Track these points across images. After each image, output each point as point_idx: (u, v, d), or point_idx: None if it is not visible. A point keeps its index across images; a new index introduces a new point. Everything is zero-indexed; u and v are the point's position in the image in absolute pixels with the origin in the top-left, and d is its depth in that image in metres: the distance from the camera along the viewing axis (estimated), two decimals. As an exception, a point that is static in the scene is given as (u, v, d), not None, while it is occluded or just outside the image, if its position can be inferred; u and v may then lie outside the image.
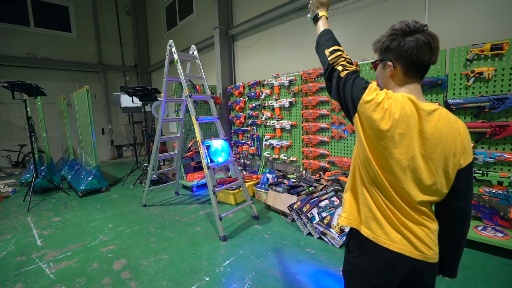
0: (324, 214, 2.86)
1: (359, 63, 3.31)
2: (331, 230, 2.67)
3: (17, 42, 7.05)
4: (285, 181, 3.71)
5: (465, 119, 2.55)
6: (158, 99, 5.18)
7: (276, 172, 4.22)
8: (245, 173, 4.81)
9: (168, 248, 2.68)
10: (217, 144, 3.74)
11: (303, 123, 4.03)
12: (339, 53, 1.01)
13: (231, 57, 5.69)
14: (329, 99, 3.65)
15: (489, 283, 1.94)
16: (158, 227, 3.18)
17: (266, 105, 4.56)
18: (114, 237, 2.97)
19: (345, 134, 3.53)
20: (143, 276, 2.22)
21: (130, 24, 9.28)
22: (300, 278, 2.10)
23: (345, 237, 2.60)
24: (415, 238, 0.89)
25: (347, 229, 2.71)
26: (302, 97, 3.98)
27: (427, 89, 2.76)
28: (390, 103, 0.85)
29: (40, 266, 2.43)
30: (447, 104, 2.59)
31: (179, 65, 3.27)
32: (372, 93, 0.87)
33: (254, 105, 4.78)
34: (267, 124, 4.60)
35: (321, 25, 1.14)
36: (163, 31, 8.36)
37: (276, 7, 4.50)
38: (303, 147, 4.08)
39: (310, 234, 2.83)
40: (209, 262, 2.39)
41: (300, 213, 2.92)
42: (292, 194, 3.39)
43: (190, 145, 5.00)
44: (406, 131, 0.84)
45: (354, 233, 1.00)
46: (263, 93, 4.58)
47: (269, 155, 4.65)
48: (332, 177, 3.63)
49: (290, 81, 4.10)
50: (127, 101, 5.81)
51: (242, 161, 5.32)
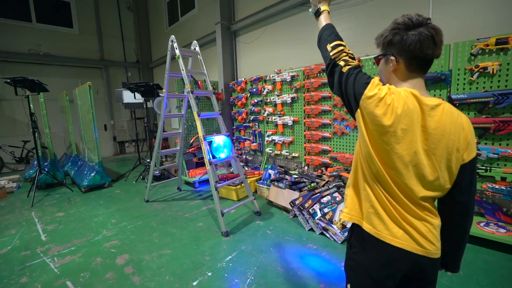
0: (326, 210, 2.86)
1: (361, 58, 3.28)
2: (333, 226, 2.68)
3: (19, 38, 7.06)
4: (287, 177, 3.71)
5: (469, 114, 2.53)
6: (160, 95, 5.18)
7: (278, 168, 4.21)
8: (247, 169, 4.81)
9: (170, 243, 2.70)
10: (219, 140, 3.74)
11: (305, 119, 4.01)
12: (341, 48, 0.99)
13: (233, 53, 5.66)
14: (331, 95, 3.63)
15: (491, 279, 1.94)
16: (160, 223, 3.20)
17: (268, 101, 4.54)
18: (117, 232, 3.00)
19: (347, 130, 3.51)
20: (146, 271, 2.24)
21: (131, 19, 9.25)
22: (302, 273, 2.11)
23: (346, 233, 2.61)
24: (417, 233, 0.88)
25: (349, 225, 2.71)
26: (304, 93, 3.96)
27: (431, 84, 2.73)
28: (392, 98, 0.84)
29: (44, 260, 2.47)
30: (450, 99, 2.56)
31: (180, 61, 3.26)
32: (374, 88, 0.86)
33: (256, 101, 4.76)
34: (269, 120, 4.59)
35: (323, 20, 1.12)
36: (165, 27, 8.32)
37: (278, 2, 4.46)
38: (305, 143, 4.07)
39: (312, 229, 2.84)
40: (211, 257, 2.40)
41: (302, 209, 2.93)
42: (294, 190, 3.39)
43: (192, 141, 5.01)
44: (408, 127, 0.83)
45: (356, 229, 1.00)
46: (265, 89, 4.56)
47: (271, 151, 4.65)
48: (334, 173, 3.62)
49: (292, 77, 4.07)
50: (129, 97, 5.82)
51: (244, 157, 5.33)
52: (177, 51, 3.28)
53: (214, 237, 2.79)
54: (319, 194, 3.07)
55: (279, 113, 4.36)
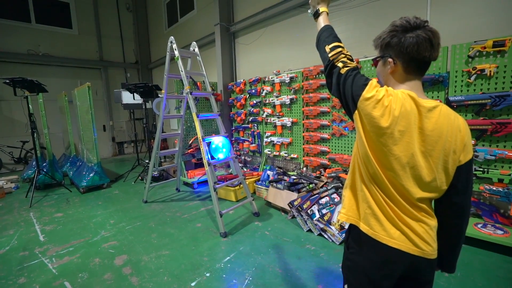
0: (324, 211, 2.87)
1: (360, 60, 3.30)
2: (331, 227, 2.68)
3: (18, 38, 7.06)
4: (286, 178, 3.72)
5: (466, 116, 2.54)
6: (159, 96, 5.18)
7: (276, 169, 4.22)
8: (245, 170, 4.82)
9: (169, 244, 2.70)
10: (218, 140, 3.74)
11: (304, 120, 4.02)
12: (339, 49, 1.00)
13: (232, 54, 5.67)
14: (330, 96, 3.64)
15: (488, 280, 1.95)
16: (159, 223, 3.20)
17: (267, 102, 4.55)
18: (115, 233, 3.00)
19: (345, 131, 3.53)
20: (144, 271, 2.24)
21: (131, 20, 9.26)
22: (300, 274, 2.12)
23: (344, 234, 2.62)
24: (413, 234, 0.89)
25: (347, 226, 2.72)
26: (303, 94, 3.97)
27: (429, 86, 2.75)
28: (390, 100, 0.84)
29: (42, 261, 2.46)
30: (448, 101, 2.58)
31: (180, 62, 3.27)
32: (372, 90, 0.87)
33: (255, 102, 4.77)
34: (268, 121, 4.60)
35: (322, 21, 1.12)
36: (164, 28, 8.33)
37: (277, 3, 4.47)
38: (303, 144, 4.08)
39: (310, 230, 2.85)
40: (210, 258, 2.41)
41: (300, 210, 2.93)
42: (292, 191, 3.39)
43: (191, 142, 5.01)
44: (406, 128, 0.84)
45: (353, 229, 1.01)
46: (264, 90, 4.57)
47: (269, 152, 4.65)
48: (332, 174, 3.63)
49: (291, 78, 4.09)
50: (128, 98, 5.82)
51: (243, 158, 5.33)
52: (176, 52, 3.28)
53: (212, 238, 2.79)
54: (317, 195, 3.08)
55: (278, 114, 4.37)
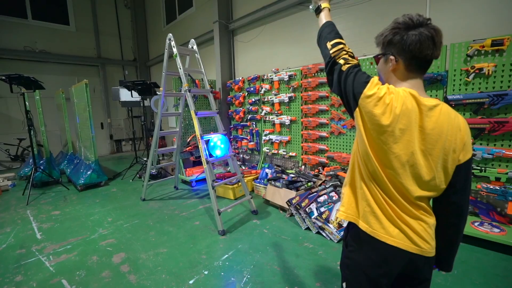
0: (322, 209, 2.87)
1: (359, 58, 3.29)
2: (330, 225, 2.69)
3: (15, 35, 6.98)
4: (284, 176, 3.72)
5: (465, 115, 2.55)
6: (157, 93, 5.16)
7: (275, 167, 4.22)
8: (244, 168, 4.82)
9: (167, 242, 2.69)
10: (216, 138, 3.74)
11: (302, 118, 4.02)
12: (341, 46, 0.99)
13: (231, 52, 5.65)
14: (329, 94, 3.63)
15: (485, 277, 1.96)
16: (157, 221, 3.20)
17: (265, 100, 4.55)
18: (113, 231, 2.99)
19: (344, 129, 3.53)
20: (142, 269, 2.24)
21: (129, 17, 9.20)
22: (298, 272, 2.12)
23: (343, 232, 2.62)
24: (412, 232, 0.89)
25: (345, 224, 2.73)
26: (301, 92, 3.96)
27: (427, 85, 2.75)
28: (391, 97, 0.84)
29: (40, 259, 2.45)
30: (446, 100, 2.58)
31: (178, 59, 3.25)
32: (373, 88, 0.86)
33: (253, 100, 4.76)
34: (267, 119, 4.59)
35: (323, 17, 1.11)
36: (162, 25, 8.28)
37: (276, 1, 4.46)
38: (302, 143, 4.08)
39: (308, 229, 2.85)
40: (208, 256, 2.41)
41: (298, 208, 2.94)
42: (291, 189, 3.40)
43: (189, 139, 5.00)
44: (406, 127, 0.84)
45: (352, 228, 1.00)
46: (262, 88, 4.56)
47: (268, 150, 4.65)
48: (331, 173, 3.63)
49: (289, 76, 4.08)
50: (126, 95, 5.79)
51: (241, 156, 5.33)
52: (175, 50, 3.26)
53: (210, 235, 2.79)
54: (315, 193, 3.08)
55: (276, 112, 4.37)
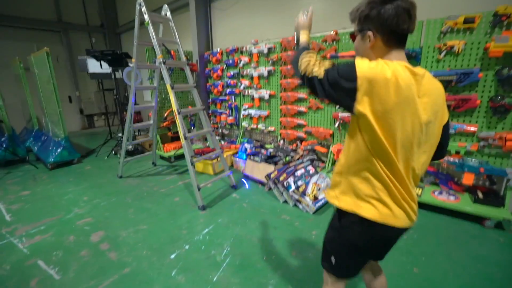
0: (299, 182, 2.99)
1: (339, 31, 3.24)
2: (306, 197, 2.82)
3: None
4: (263, 151, 3.78)
5: (434, 92, 2.66)
6: (129, 65, 4.83)
7: (254, 142, 4.26)
8: (223, 143, 4.80)
9: (147, 218, 2.71)
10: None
11: (281, 92, 4.00)
12: (308, 56, 0.94)
13: (208, 20, 5.32)
14: (308, 69, 3.60)
15: (438, 239, 2.21)
16: (136, 199, 3.17)
17: (244, 73, 4.43)
18: (90, 209, 2.93)
19: (322, 104, 3.57)
20: (123, 246, 2.26)
21: (91, -24, 8.21)
22: (275, 243, 2.25)
23: (319, 204, 2.78)
24: (410, 209, 0.93)
25: (321, 196, 2.88)
26: (281, 66, 3.90)
27: (402, 62, 2.80)
28: (392, 72, 0.79)
29: (11, 241, 2.37)
30: (419, 77, 2.66)
31: (150, 28, 3.01)
32: (367, 67, 0.80)
33: (232, 73, 4.62)
34: (246, 93, 4.51)
35: (300, 43, 1.12)
36: (131, -13, 7.52)
37: (255, -35, 4.16)
38: (281, 117, 4.10)
39: (286, 202, 2.98)
40: (188, 231, 2.46)
41: (277, 182, 3.03)
42: (269, 163, 3.47)
43: (166, 114, 4.83)
44: (410, 99, 0.81)
45: (349, 214, 0.98)
46: (241, 61, 4.41)
47: (247, 125, 4.64)
48: (308, 147, 3.74)
49: (269, 49, 3.96)
50: (95, 66, 5.35)
51: (220, 131, 5.28)
52: (146, 16, 3.01)
53: (191, 211, 2.84)
54: (293, 167, 3.18)
55: (255, 86, 4.29)
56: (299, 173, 3.13)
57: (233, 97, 4.78)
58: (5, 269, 2.02)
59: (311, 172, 3.21)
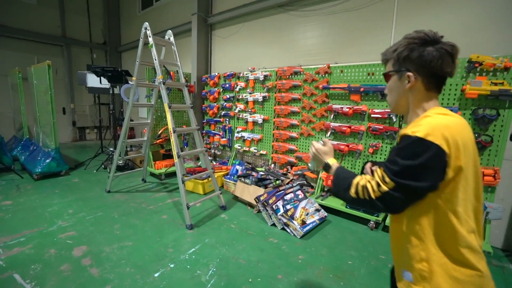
0: (288, 206, 3.03)
1: (331, 65, 3.49)
2: (294, 221, 2.85)
3: (-37, 2, 6.22)
4: (254, 173, 3.82)
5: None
6: (129, 82, 4.95)
7: (245, 164, 4.31)
8: (215, 163, 4.84)
9: (132, 235, 2.66)
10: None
11: (274, 118, 4.15)
12: (362, 182, 0.86)
13: (208, 46, 5.60)
14: (301, 97, 3.79)
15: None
16: (122, 214, 3.12)
17: (240, 97, 4.60)
18: (74, 223, 2.86)
19: (313, 132, 3.72)
20: (106, 262, 2.20)
21: (100, -4, 8.61)
22: (262, 265, 2.24)
23: (306, 228, 2.80)
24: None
25: (309, 221, 2.91)
26: (275, 93, 4.09)
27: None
28: (453, 135, 0.75)
29: (-12, 251, 2.28)
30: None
31: (154, 50, 3.17)
32: (445, 142, 0.73)
33: (228, 96, 4.79)
34: (240, 116, 4.65)
35: (333, 170, 1.04)
36: (138, 10, 7.89)
37: (256, 0, 4.51)
38: (273, 142, 4.22)
39: (274, 225, 2.99)
40: (175, 249, 2.43)
41: (266, 204, 3.06)
42: (260, 186, 3.51)
43: (160, 132, 4.89)
44: (472, 153, 0.80)
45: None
46: (238, 86, 4.61)
47: (239, 147, 4.73)
48: (298, 172, 3.82)
49: (265, 76, 4.18)
50: (94, 81, 5.45)
51: (212, 151, 5.34)
52: (151, 40, 3.18)
53: (178, 229, 2.81)
54: (283, 191, 3.23)
55: (250, 110, 4.45)
56: (288, 197, 3.18)
57: (227, 119, 4.91)
58: (-22, 281, 1.93)
59: (300, 196, 3.26)
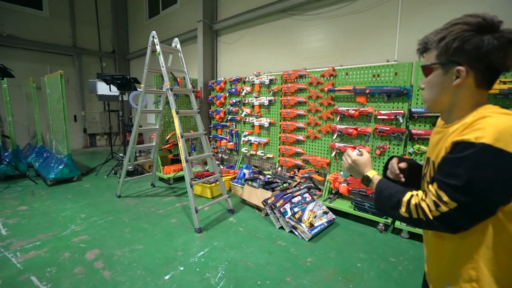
0: (296, 209, 3.03)
1: (336, 68, 3.50)
2: (302, 224, 2.85)
3: (-20, 16, 6.50)
4: (261, 177, 3.85)
5: (425, 126, 2.83)
6: (137, 89, 5.07)
7: (252, 167, 4.34)
8: (222, 167, 4.89)
9: (143, 238, 2.71)
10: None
11: (281, 121, 4.18)
12: (415, 200, 0.75)
13: (214, 52, 5.69)
14: (307, 100, 3.81)
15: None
16: (133, 218, 3.18)
17: (246, 102, 4.65)
18: (86, 227, 2.94)
19: (319, 134, 3.73)
20: (117, 265, 2.25)
21: (109, 7, 8.86)
22: (270, 268, 2.25)
23: (314, 231, 2.80)
24: None
25: (317, 224, 2.91)
26: (281, 97, 4.12)
27: (394, 97, 3.01)
28: None
29: (5, 255, 2.37)
30: (411, 112, 2.85)
31: (161, 58, 3.26)
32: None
33: (234, 101, 4.85)
34: (246, 120, 4.70)
35: (375, 184, 0.92)
36: (145, 19, 8.09)
37: (261, 6, 4.58)
38: (280, 145, 4.24)
39: (282, 228, 3.00)
40: (184, 252, 2.46)
41: (273, 208, 3.07)
42: (267, 189, 3.53)
43: (168, 137, 4.97)
44: None
45: None
46: (243, 90, 4.66)
47: (246, 151, 4.76)
48: (305, 175, 3.83)
49: (270, 80, 4.22)
50: (103, 88, 5.61)
51: (220, 155, 5.39)
52: (158, 47, 3.27)
53: (187, 233, 2.85)
54: (290, 194, 3.24)
55: (256, 114, 4.49)
56: (295, 200, 3.18)
57: (234, 123, 4.97)
58: (-3, 283, 2.00)
59: (307, 199, 3.27)
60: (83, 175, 5.04)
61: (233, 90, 4.82)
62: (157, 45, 3.27)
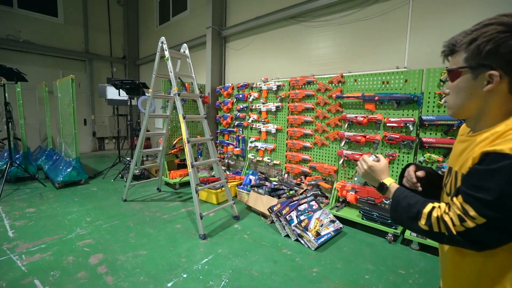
0: (302, 217, 2.97)
1: (344, 74, 3.46)
2: (308, 233, 2.79)
3: (-2, 22, 6.74)
4: (267, 183, 3.80)
5: (436, 134, 2.75)
6: (146, 94, 5.13)
7: (259, 174, 4.30)
8: (228, 173, 4.86)
9: (147, 244, 2.69)
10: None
11: (288, 128, 4.14)
12: (436, 213, 0.70)
13: (222, 58, 5.73)
14: (314, 107, 3.78)
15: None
16: (138, 223, 3.17)
17: (253, 107, 4.64)
18: (91, 231, 2.94)
19: (327, 141, 3.67)
20: (120, 271, 2.22)
21: (120, 14, 9.08)
22: (274, 277, 2.19)
23: (321, 240, 2.73)
24: None
25: (323, 233, 2.84)
26: (288, 103, 4.09)
27: (404, 105, 2.94)
28: None
29: (11, 258, 2.37)
30: (421, 120, 2.78)
31: (169, 63, 3.28)
32: None
33: (241, 107, 4.84)
34: (253, 126, 4.68)
35: (392, 193, 0.86)
36: (155, 25, 8.26)
37: (269, 13, 4.61)
38: (286, 151, 4.19)
39: (287, 236, 2.93)
40: (188, 259, 2.43)
41: (279, 215, 3.02)
42: (273, 196, 3.48)
43: (175, 142, 4.99)
44: None
45: None
46: (251, 96, 4.66)
47: (253, 157, 4.73)
48: (312, 182, 3.76)
49: (278, 86, 4.20)
50: (113, 93, 5.70)
51: (226, 161, 5.37)
52: (167, 53, 3.30)
53: (191, 239, 2.81)
54: (296, 201, 3.18)
55: (263, 120, 4.47)
56: (302, 207, 3.12)
57: (241, 129, 4.96)
58: (1, 286, 2.00)
59: (314, 207, 3.20)
60: (90, 178, 5.09)
61: (241, 96, 4.82)
62: (166, 50, 3.31)
